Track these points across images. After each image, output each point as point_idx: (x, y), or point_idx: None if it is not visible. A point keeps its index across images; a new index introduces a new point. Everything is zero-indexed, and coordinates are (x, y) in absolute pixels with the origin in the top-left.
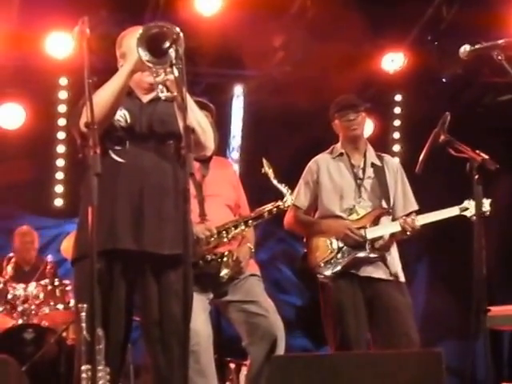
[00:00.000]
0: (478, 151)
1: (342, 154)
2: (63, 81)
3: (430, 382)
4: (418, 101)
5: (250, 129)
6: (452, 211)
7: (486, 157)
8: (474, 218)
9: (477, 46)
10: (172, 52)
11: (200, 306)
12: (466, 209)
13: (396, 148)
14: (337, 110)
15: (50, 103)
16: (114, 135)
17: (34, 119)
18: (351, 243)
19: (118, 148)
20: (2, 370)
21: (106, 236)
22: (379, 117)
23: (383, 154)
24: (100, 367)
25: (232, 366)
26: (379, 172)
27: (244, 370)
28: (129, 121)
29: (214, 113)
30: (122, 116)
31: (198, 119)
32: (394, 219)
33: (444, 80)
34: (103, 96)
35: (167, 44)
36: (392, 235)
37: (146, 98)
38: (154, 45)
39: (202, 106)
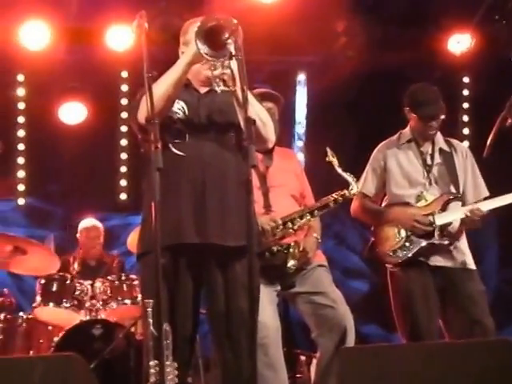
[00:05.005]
0: None
1: (410, 141)
2: (124, 74)
3: (501, 371)
4: (487, 82)
5: (314, 116)
6: None
7: None
8: None
9: None
10: (230, 44)
11: (267, 299)
12: None
13: (465, 131)
14: (417, 108)
15: (112, 96)
16: (173, 128)
17: (96, 113)
18: (420, 233)
19: (177, 141)
20: (70, 368)
21: (170, 231)
22: (447, 100)
23: (451, 140)
24: (168, 362)
25: (302, 358)
26: (448, 158)
27: (315, 362)
28: (187, 113)
29: (282, 102)
30: (180, 108)
31: (258, 112)
32: (464, 205)
33: None
34: (161, 88)
35: (225, 36)
36: (462, 223)
37: (203, 89)
38: (211, 38)
39: (268, 97)
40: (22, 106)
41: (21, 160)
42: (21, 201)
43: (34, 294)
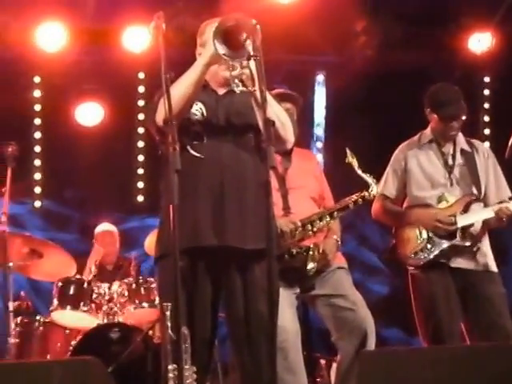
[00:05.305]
0: None
1: (431, 141)
2: (141, 75)
3: None
4: (508, 82)
5: (333, 116)
6: None
7: None
8: None
9: None
10: (248, 45)
11: (287, 302)
12: None
13: (486, 131)
14: (437, 108)
15: (129, 98)
16: (191, 130)
17: (113, 115)
18: (441, 233)
19: (195, 143)
20: (87, 372)
21: (188, 234)
22: (468, 100)
23: (473, 140)
24: (186, 366)
25: (322, 362)
26: (469, 158)
27: (334, 366)
28: (205, 114)
29: (300, 103)
30: (198, 110)
31: (277, 113)
32: (486, 206)
33: None
34: (179, 89)
35: (243, 37)
36: (485, 223)
37: (221, 91)
38: (230, 38)
39: (286, 97)
40: (38, 107)
41: (37, 162)
42: (37, 203)
43: (50, 296)
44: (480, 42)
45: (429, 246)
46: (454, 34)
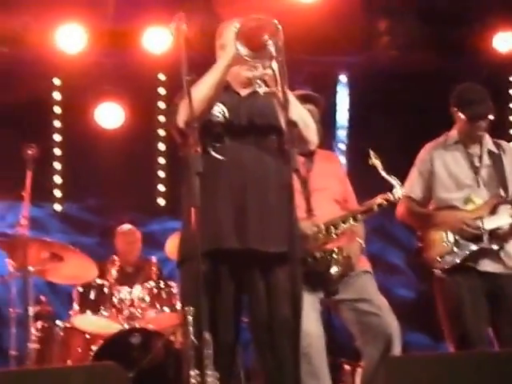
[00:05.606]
0: None
1: (457, 142)
2: (162, 76)
3: None
4: None
5: (355, 117)
6: None
7: None
8: None
9: None
10: (271, 45)
11: (310, 306)
12: None
13: None
14: (464, 107)
15: (149, 100)
16: (213, 132)
17: (133, 117)
18: (468, 236)
19: (217, 145)
20: (108, 377)
21: (210, 236)
22: (494, 100)
23: (500, 141)
24: (209, 372)
25: (347, 367)
26: (496, 160)
27: (359, 372)
28: (227, 116)
29: (323, 104)
30: (220, 112)
31: (300, 113)
32: None
33: None
34: (200, 91)
35: (265, 37)
36: None
37: (244, 92)
38: (251, 39)
39: (308, 99)
40: (58, 110)
41: (57, 165)
42: (57, 207)
43: (68, 298)
44: (507, 41)
45: (455, 249)
46: (478, 34)
